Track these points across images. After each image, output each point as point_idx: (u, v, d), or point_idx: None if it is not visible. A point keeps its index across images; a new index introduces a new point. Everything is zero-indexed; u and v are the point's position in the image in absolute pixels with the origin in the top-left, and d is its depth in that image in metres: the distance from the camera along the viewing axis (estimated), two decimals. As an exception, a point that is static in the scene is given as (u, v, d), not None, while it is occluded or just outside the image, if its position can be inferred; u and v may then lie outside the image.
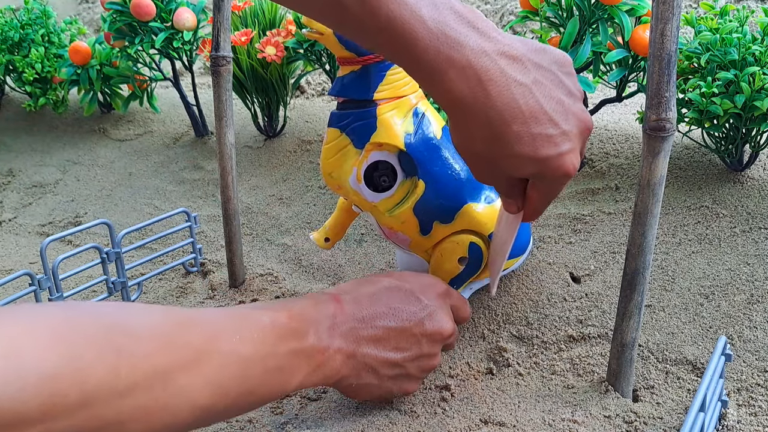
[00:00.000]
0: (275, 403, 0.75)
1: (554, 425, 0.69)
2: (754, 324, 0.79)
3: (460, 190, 0.75)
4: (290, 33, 1.21)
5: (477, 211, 0.76)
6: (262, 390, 0.51)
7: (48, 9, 1.64)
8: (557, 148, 0.53)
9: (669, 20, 0.61)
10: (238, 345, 0.49)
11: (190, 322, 0.47)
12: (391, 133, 0.72)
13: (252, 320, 0.52)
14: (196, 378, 0.45)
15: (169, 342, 0.44)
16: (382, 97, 0.72)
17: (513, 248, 0.78)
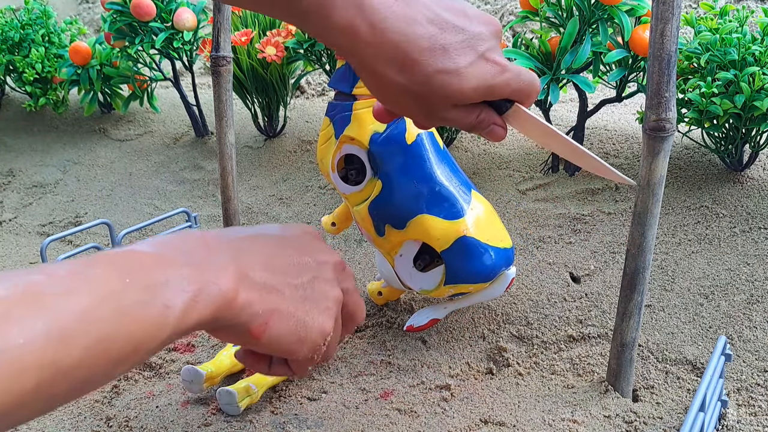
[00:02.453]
0: (275, 403, 0.75)
1: (554, 425, 0.69)
2: (753, 324, 0.79)
3: (416, 199, 0.73)
4: (290, 33, 1.21)
5: (431, 223, 0.73)
6: (121, 335, 0.39)
7: (48, 9, 1.64)
8: (476, 51, 0.49)
9: (669, 20, 0.61)
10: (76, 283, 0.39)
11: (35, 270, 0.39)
12: (361, 129, 0.74)
13: (96, 257, 0.41)
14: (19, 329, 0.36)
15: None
16: (362, 93, 0.73)
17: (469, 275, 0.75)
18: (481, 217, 0.74)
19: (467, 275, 0.74)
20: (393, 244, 0.76)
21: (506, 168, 1.10)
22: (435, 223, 0.73)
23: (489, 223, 0.75)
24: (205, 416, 0.73)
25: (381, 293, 0.90)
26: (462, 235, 0.72)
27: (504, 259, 0.76)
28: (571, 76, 0.94)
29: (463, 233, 0.72)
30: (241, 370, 0.79)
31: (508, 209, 1.03)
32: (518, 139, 1.16)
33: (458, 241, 0.72)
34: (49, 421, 0.74)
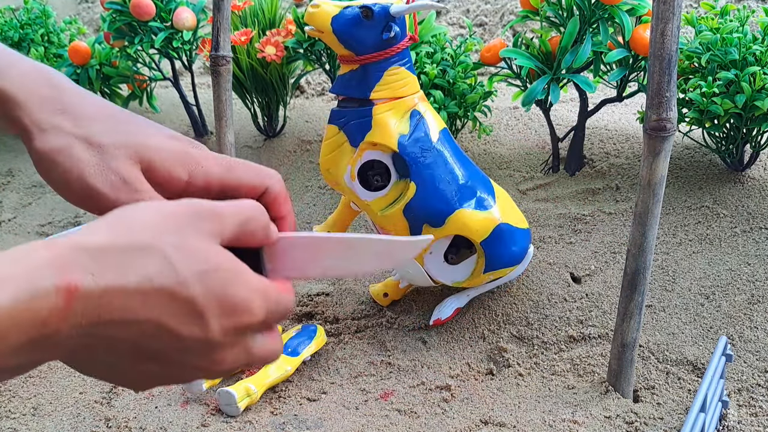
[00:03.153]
0: (275, 403, 0.75)
1: (554, 426, 0.69)
2: (754, 324, 0.79)
3: (453, 195, 0.75)
4: (290, 33, 1.21)
5: (469, 216, 0.75)
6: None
7: (48, 9, 1.63)
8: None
9: (669, 20, 0.61)
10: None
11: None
12: (386, 133, 0.73)
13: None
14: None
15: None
16: (380, 96, 0.73)
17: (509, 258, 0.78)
18: (505, 204, 0.78)
19: (507, 260, 0.79)
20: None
21: (507, 168, 1.10)
22: (473, 216, 0.76)
23: (511, 207, 0.79)
24: (204, 417, 0.73)
25: (387, 294, 0.89)
26: (498, 223, 0.76)
27: (528, 238, 0.82)
28: (572, 75, 0.94)
29: (499, 222, 0.76)
30: (241, 370, 0.79)
31: (508, 209, 1.03)
32: (518, 139, 1.16)
33: (496, 230, 0.76)
34: (49, 422, 0.74)
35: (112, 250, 0.34)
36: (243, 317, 0.37)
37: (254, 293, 0.38)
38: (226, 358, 0.38)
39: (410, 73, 0.73)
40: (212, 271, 0.37)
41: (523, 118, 1.22)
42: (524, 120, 1.21)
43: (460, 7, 1.76)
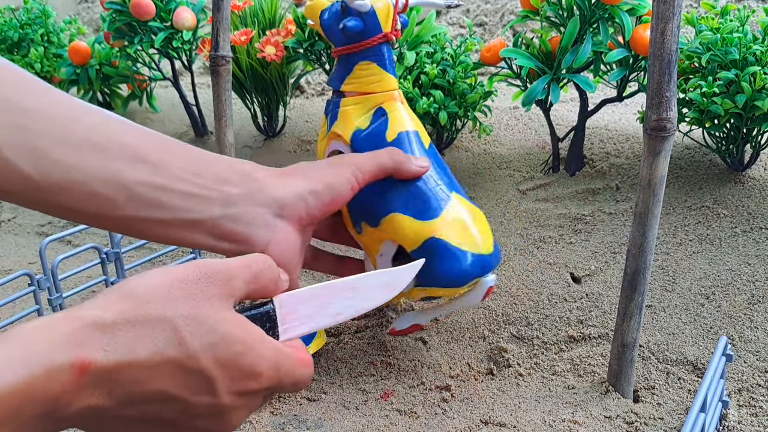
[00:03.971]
0: (275, 403, 0.75)
1: (555, 426, 0.69)
2: (755, 324, 0.79)
3: (391, 198, 0.71)
4: (290, 33, 1.21)
5: (402, 223, 0.70)
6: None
7: (47, 8, 1.63)
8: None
9: (669, 20, 0.60)
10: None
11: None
12: (346, 125, 0.74)
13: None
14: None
15: None
16: (349, 89, 0.73)
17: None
18: (458, 220, 0.71)
19: (435, 278, 0.71)
20: (372, 243, 0.75)
21: (506, 168, 1.10)
22: (406, 222, 0.70)
23: (468, 227, 0.72)
24: None
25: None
26: (431, 236, 0.70)
27: (479, 265, 0.72)
28: (572, 75, 0.94)
29: (433, 235, 0.70)
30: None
31: (508, 209, 1.03)
32: (519, 138, 1.16)
33: (428, 242, 0.70)
34: (48, 422, 0.74)
35: (125, 325, 0.36)
36: (251, 384, 0.40)
37: (265, 363, 0.40)
38: (232, 419, 0.40)
39: (383, 71, 0.72)
40: (222, 342, 0.38)
41: (523, 118, 1.22)
42: (524, 120, 1.21)
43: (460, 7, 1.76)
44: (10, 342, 0.33)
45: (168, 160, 0.49)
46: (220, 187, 0.51)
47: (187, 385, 0.37)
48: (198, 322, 0.38)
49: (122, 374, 0.35)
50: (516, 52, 0.96)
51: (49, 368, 0.33)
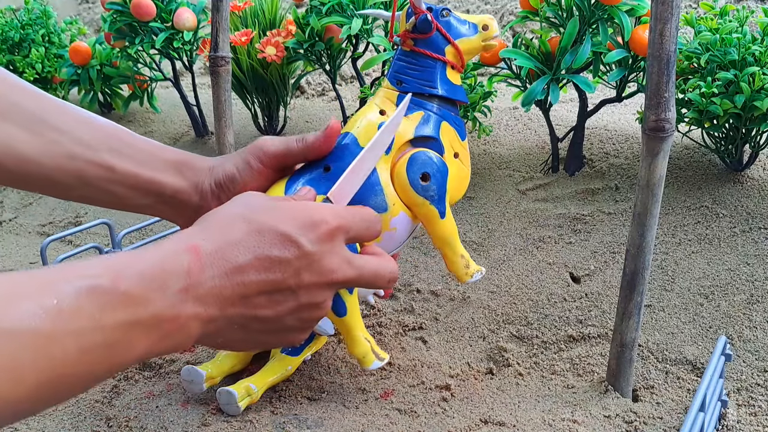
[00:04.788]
0: (275, 403, 0.75)
1: (554, 425, 0.69)
2: (753, 324, 0.79)
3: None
4: (290, 33, 1.21)
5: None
6: (81, 372, 0.39)
7: (48, 9, 1.64)
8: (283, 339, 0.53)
9: (668, 20, 0.61)
10: (37, 319, 0.37)
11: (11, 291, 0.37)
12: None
13: (59, 286, 0.39)
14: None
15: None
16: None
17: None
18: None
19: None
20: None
21: (506, 168, 1.10)
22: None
23: None
24: (204, 416, 0.73)
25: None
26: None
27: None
28: (571, 76, 0.94)
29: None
30: (241, 370, 0.79)
31: (508, 209, 1.03)
32: (518, 139, 1.17)
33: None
34: (49, 421, 0.74)
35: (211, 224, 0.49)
36: (322, 227, 0.49)
37: (324, 210, 0.51)
38: (332, 265, 0.50)
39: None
40: (287, 207, 0.50)
41: (522, 118, 1.22)
42: (524, 120, 1.22)
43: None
44: (135, 252, 0.45)
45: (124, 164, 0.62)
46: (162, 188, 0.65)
47: (274, 244, 0.48)
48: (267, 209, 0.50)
49: (227, 252, 0.47)
50: (515, 52, 0.96)
51: (174, 250, 0.45)
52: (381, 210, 0.69)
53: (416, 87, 0.71)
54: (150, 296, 0.42)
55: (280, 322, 0.50)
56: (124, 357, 0.42)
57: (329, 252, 0.50)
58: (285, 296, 0.49)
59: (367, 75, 1.54)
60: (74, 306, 0.39)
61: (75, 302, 0.39)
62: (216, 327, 0.47)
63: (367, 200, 0.68)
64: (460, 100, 0.73)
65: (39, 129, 0.59)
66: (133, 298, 0.42)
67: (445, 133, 0.71)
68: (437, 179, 0.70)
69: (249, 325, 0.49)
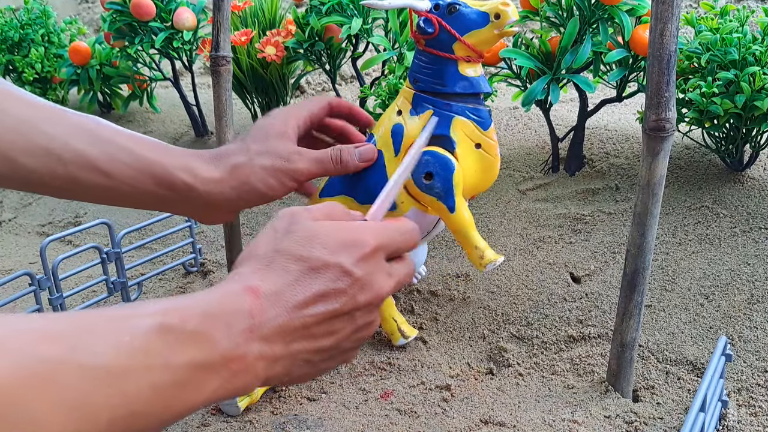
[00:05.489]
0: (275, 403, 0.75)
1: (554, 425, 0.69)
2: (754, 324, 0.79)
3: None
4: (290, 33, 1.21)
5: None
6: (154, 410, 0.40)
7: (48, 9, 1.64)
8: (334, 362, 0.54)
9: (668, 20, 0.61)
10: (110, 357, 0.38)
11: (38, 330, 0.37)
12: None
13: (131, 323, 0.40)
14: (44, 401, 0.35)
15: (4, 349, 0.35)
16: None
17: None
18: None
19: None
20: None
21: (506, 168, 1.10)
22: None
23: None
24: (204, 416, 0.73)
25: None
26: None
27: None
28: (572, 75, 0.94)
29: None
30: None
31: (508, 209, 1.03)
32: (518, 139, 1.16)
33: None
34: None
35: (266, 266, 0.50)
36: (363, 248, 0.51)
37: (366, 233, 0.52)
38: (380, 283, 0.52)
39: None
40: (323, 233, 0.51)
41: (523, 118, 1.22)
42: (524, 120, 1.22)
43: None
44: (193, 294, 0.45)
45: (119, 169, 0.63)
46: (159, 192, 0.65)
47: (324, 278, 0.49)
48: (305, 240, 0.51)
49: (285, 293, 0.48)
50: (516, 52, 0.96)
51: (233, 291, 0.46)
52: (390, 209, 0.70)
53: (428, 85, 0.72)
54: (216, 336, 0.44)
55: (338, 348, 0.52)
56: (194, 397, 0.42)
57: (376, 272, 0.53)
58: (343, 322, 0.51)
59: (367, 75, 1.54)
60: (145, 344, 0.40)
61: (146, 340, 0.40)
62: (282, 366, 0.49)
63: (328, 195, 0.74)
64: (477, 92, 0.73)
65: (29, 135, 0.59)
66: (201, 337, 0.43)
67: (457, 128, 0.72)
68: (441, 177, 0.70)
69: (312, 358, 0.51)
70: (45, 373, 0.35)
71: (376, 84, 1.19)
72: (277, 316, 0.47)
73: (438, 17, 0.70)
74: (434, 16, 0.70)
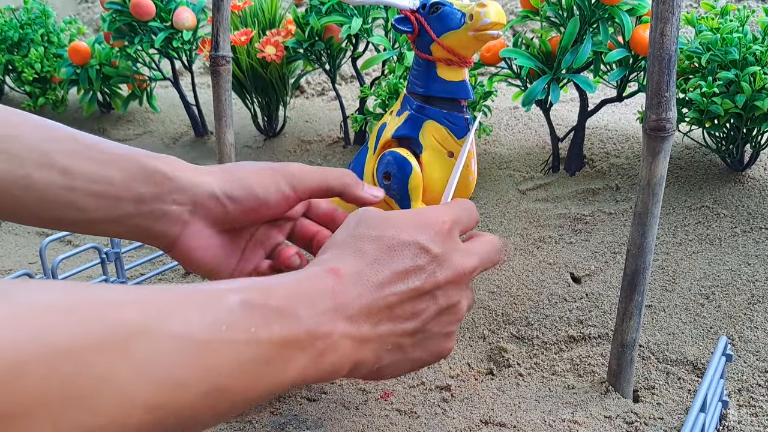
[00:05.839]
0: (275, 403, 0.75)
1: (555, 426, 0.69)
2: (754, 324, 0.79)
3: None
4: (290, 33, 1.21)
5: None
6: (240, 386, 0.39)
7: (47, 9, 1.63)
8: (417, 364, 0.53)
9: (669, 20, 0.61)
10: (195, 328, 0.37)
11: (119, 299, 0.36)
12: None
13: (215, 300, 0.39)
14: (125, 365, 0.34)
15: (83, 315, 0.33)
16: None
17: None
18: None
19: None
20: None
21: (506, 168, 1.10)
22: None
23: None
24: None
25: None
26: None
27: None
28: (572, 75, 0.94)
29: None
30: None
31: (508, 209, 1.03)
32: (519, 139, 1.16)
33: None
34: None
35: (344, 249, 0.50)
36: (442, 227, 0.52)
37: (436, 212, 0.53)
38: (459, 260, 0.52)
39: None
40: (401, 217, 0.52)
41: (523, 118, 1.22)
42: (524, 120, 1.21)
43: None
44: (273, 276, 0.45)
45: (78, 164, 0.53)
46: (130, 187, 0.55)
47: (406, 257, 0.49)
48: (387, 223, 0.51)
49: (366, 272, 0.48)
50: (516, 52, 0.96)
51: (314, 273, 0.46)
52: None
53: (412, 86, 0.71)
54: (301, 313, 0.43)
55: (426, 331, 0.51)
56: (281, 374, 0.42)
57: (453, 249, 0.52)
58: (426, 302, 0.51)
59: (366, 75, 1.54)
60: (230, 319, 0.39)
61: (230, 315, 0.39)
62: (371, 350, 0.48)
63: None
64: (454, 97, 0.69)
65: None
66: (285, 313, 0.42)
67: (428, 132, 0.69)
68: (397, 179, 0.69)
69: (400, 342, 0.50)
70: (125, 340, 0.34)
71: (376, 84, 1.19)
72: (360, 296, 0.47)
73: (422, 17, 0.68)
74: (416, 15, 0.68)
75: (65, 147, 0.54)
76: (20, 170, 0.52)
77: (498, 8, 0.65)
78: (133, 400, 0.34)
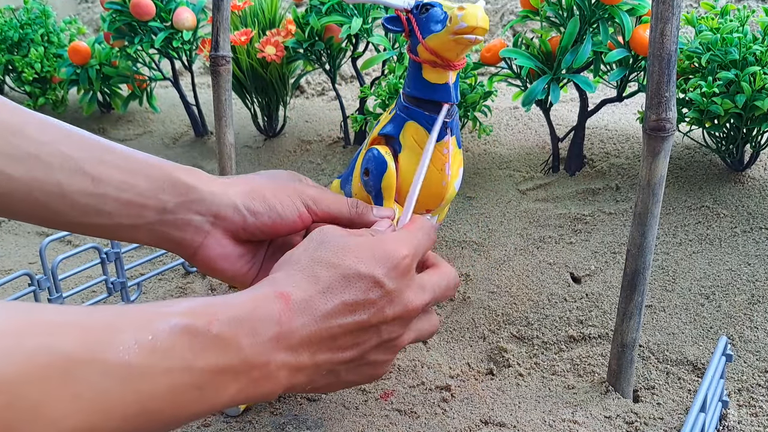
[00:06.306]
0: (275, 403, 0.75)
1: (555, 426, 0.69)
2: (754, 324, 0.79)
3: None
4: (290, 33, 1.21)
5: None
6: (170, 410, 0.40)
7: (47, 9, 1.63)
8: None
9: (669, 20, 0.61)
10: (132, 353, 0.38)
11: (63, 323, 0.37)
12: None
13: (155, 323, 0.40)
14: (60, 394, 0.35)
15: (26, 343, 0.34)
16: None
17: None
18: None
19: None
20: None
21: (506, 168, 1.10)
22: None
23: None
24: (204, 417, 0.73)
25: None
26: None
27: None
28: (572, 75, 0.94)
29: None
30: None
31: (508, 209, 1.03)
32: (519, 138, 1.16)
33: None
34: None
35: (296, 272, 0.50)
36: (401, 262, 0.51)
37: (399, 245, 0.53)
38: (410, 297, 0.52)
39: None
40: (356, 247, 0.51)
41: (523, 118, 1.22)
42: (524, 120, 1.21)
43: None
44: (225, 297, 0.45)
45: (108, 172, 0.55)
46: (155, 196, 0.57)
47: (359, 290, 0.49)
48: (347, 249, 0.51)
49: (316, 300, 0.48)
50: (516, 52, 0.96)
51: (264, 296, 0.46)
52: (348, 196, 0.73)
53: (404, 87, 0.71)
54: (241, 342, 0.43)
55: (363, 359, 0.52)
56: (212, 400, 0.42)
57: (407, 286, 0.52)
58: (369, 334, 0.51)
59: (366, 75, 1.54)
60: (168, 344, 0.40)
61: (169, 340, 0.40)
62: (305, 375, 0.48)
63: (344, 187, 0.73)
64: (436, 100, 0.67)
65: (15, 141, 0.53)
66: (224, 341, 0.42)
67: (408, 133, 0.68)
68: (373, 175, 0.69)
69: (335, 369, 0.51)
70: (63, 367, 0.35)
71: (376, 84, 1.19)
72: (305, 326, 0.47)
73: (414, 17, 0.66)
74: (409, 15, 0.67)
75: (95, 155, 0.55)
76: (51, 177, 0.54)
77: (476, 12, 0.62)
78: (63, 428, 0.35)
